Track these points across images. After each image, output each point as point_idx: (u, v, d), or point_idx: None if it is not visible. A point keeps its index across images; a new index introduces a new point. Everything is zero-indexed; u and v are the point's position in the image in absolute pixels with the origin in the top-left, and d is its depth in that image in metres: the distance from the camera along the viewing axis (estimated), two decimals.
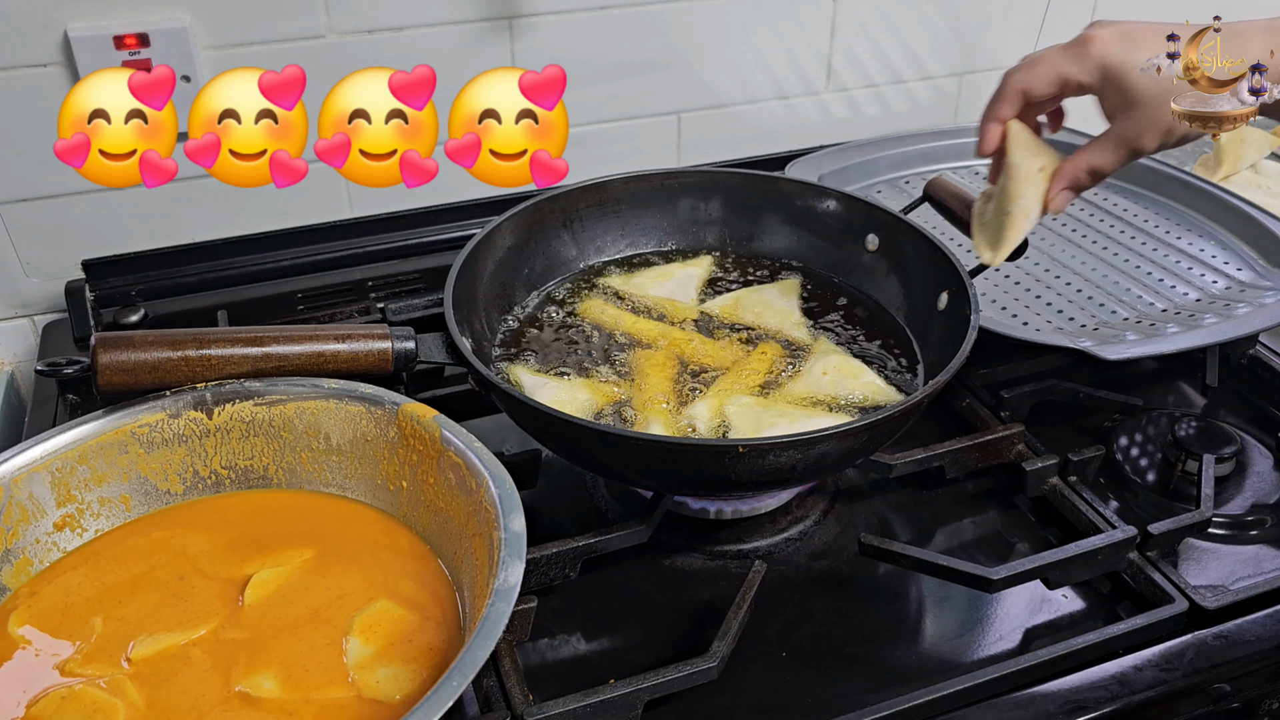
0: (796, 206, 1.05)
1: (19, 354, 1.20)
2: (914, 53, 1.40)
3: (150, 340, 0.78)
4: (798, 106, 1.38)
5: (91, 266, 1.15)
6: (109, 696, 0.65)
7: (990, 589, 0.80)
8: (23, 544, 0.74)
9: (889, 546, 0.82)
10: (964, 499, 0.94)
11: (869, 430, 0.77)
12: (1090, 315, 1.09)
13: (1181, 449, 0.93)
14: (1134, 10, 1.48)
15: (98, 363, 0.76)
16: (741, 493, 0.87)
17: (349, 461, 0.80)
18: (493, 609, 0.62)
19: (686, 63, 1.29)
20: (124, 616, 0.71)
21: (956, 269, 0.90)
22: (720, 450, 0.75)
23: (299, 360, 0.81)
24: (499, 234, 0.98)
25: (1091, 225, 1.27)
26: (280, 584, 0.73)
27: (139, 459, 0.79)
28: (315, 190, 1.21)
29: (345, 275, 1.21)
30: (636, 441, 0.77)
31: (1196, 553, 0.88)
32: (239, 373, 0.80)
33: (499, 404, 0.84)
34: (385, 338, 0.83)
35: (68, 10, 1.04)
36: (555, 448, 0.86)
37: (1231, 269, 1.15)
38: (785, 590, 0.84)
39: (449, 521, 0.74)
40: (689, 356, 0.94)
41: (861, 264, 1.02)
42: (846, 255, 1.04)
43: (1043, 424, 0.97)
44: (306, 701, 0.65)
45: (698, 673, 0.73)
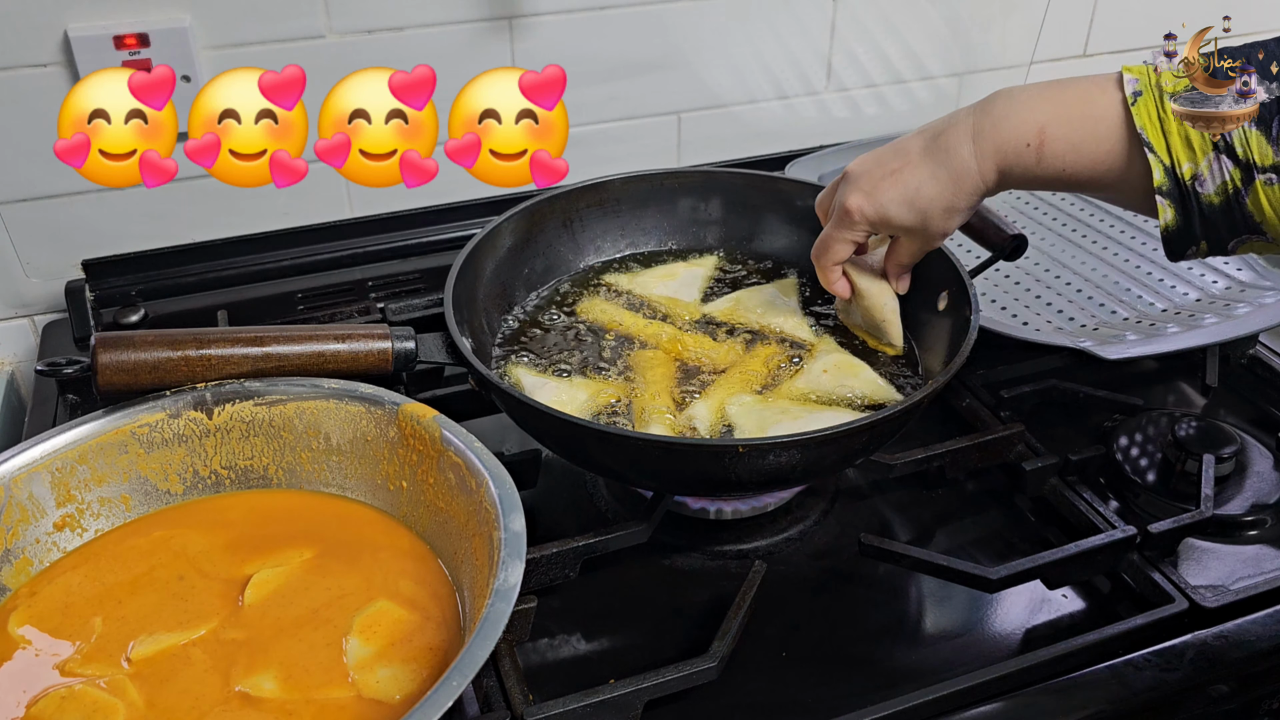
0: (796, 206, 1.05)
1: (19, 354, 1.20)
2: (914, 53, 1.40)
3: (150, 340, 0.78)
4: (798, 106, 1.38)
5: (91, 266, 1.15)
6: (109, 696, 0.65)
7: (990, 589, 0.81)
8: (23, 544, 0.74)
9: (889, 546, 0.82)
10: (964, 499, 0.94)
11: (870, 430, 0.77)
12: (1090, 315, 1.09)
13: (1181, 449, 0.93)
14: (1134, 10, 1.49)
15: (98, 363, 0.76)
16: (741, 492, 0.87)
17: (349, 461, 0.80)
18: (493, 609, 0.62)
19: (686, 63, 1.29)
20: (124, 616, 0.71)
21: (956, 269, 0.90)
22: (720, 450, 0.75)
23: (299, 360, 0.81)
24: (499, 234, 0.98)
25: (1091, 225, 1.27)
26: (280, 584, 0.73)
27: (139, 459, 0.79)
28: (315, 190, 1.21)
29: (345, 275, 1.21)
30: (636, 441, 0.77)
31: (1196, 553, 0.88)
32: (239, 373, 0.80)
33: (499, 404, 0.84)
34: (385, 338, 0.83)
35: (68, 10, 1.04)
36: (555, 448, 0.86)
37: (1231, 269, 1.15)
38: (785, 590, 0.84)
39: (449, 521, 0.74)
40: (689, 356, 0.94)
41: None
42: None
43: (1043, 424, 0.97)
44: (306, 701, 0.65)
45: (698, 673, 0.73)
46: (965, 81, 1.44)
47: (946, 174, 0.80)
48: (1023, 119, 0.77)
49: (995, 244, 0.94)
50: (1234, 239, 0.73)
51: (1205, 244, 0.74)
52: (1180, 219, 0.73)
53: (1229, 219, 0.72)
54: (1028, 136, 0.76)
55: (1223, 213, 0.72)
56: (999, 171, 0.79)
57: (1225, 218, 0.72)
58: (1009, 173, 0.78)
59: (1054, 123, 0.75)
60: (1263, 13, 1.49)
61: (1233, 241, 0.73)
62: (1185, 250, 0.75)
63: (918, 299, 0.96)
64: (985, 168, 0.79)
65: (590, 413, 0.87)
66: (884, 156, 0.84)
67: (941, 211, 0.82)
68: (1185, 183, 0.71)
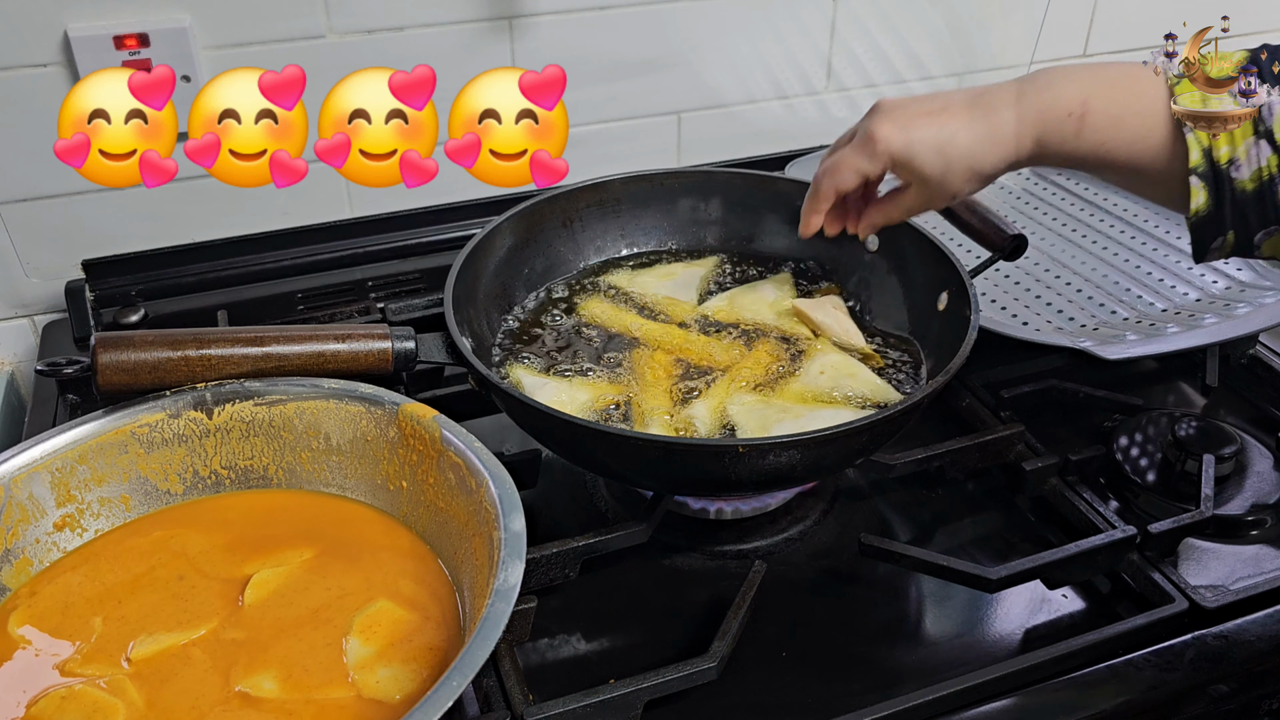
0: (797, 207, 1.05)
1: (19, 354, 1.20)
2: (914, 53, 1.40)
3: (150, 340, 0.78)
4: (798, 106, 1.38)
5: (91, 266, 1.15)
6: (109, 696, 0.65)
7: (990, 589, 0.81)
8: (23, 544, 0.74)
9: (889, 546, 0.82)
10: (964, 499, 0.94)
11: (869, 430, 0.77)
12: (1090, 315, 1.09)
13: (1181, 449, 0.93)
14: (1134, 10, 1.49)
15: (98, 362, 0.76)
16: (742, 492, 0.87)
17: (349, 461, 0.80)
18: (493, 609, 0.62)
19: (686, 63, 1.29)
20: (124, 616, 0.71)
21: (956, 269, 0.90)
22: (720, 450, 0.75)
23: (299, 360, 0.81)
24: (499, 234, 0.98)
25: (1091, 225, 1.27)
26: (280, 584, 0.73)
27: (139, 459, 0.79)
28: (315, 190, 1.21)
29: (345, 275, 1.21)
30: (636, 441, 0.77)
31: (1196, 553, 0.88)
32: (239, 372, 0.80)
33: (499, 404, 0.84)
34: (385, 338, 0.83)
35: (68, 10, 1.04)
36: (556, 448, 0.86)
37: (1231, 269, 1.15)
38: (785, 590, 0.84)
39: (449, 521, 0.74)
40: (689, 356, 0.94)
41: (861, 264, 1.02)
42: (846, 255, 1.03)
43: (1043, 424, 0.96)
44: (306, 701, 0.65)
45: (698, 673, 0.73)
46: (965, 81, 1.44)
47: (985, 129, 0.78)
48: (1068, 89, 0.77)
49: (995, 244, 0.94)
50: (1262, 230, 0.73)
51: (1232, 235, 0.74)
52: (1212, 203, 0.73)
53: (1260, 207, 0.72)
54: (1071, 105, 0.76)
55: (1255, 199, 0.72)
56: (1036, 141, 0.78)
57: (1256, 205, 0.72)
58: (1046, 144, 0.78)
59: (1098, 95, 0.75)
60: (1263, 13, 1.49)
61: (1260, 234, 0.73)
62: (1211, 242, 0.75)
63: (918, 299, 0.96)
64: (1023, 133, 0.78)
65: (590, 413, 0.87)
66: (921, 98, 0.82)
67: (965, 169, 0.80)
68: (1221, 166, 0.72)
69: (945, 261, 0.92)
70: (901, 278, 0.99)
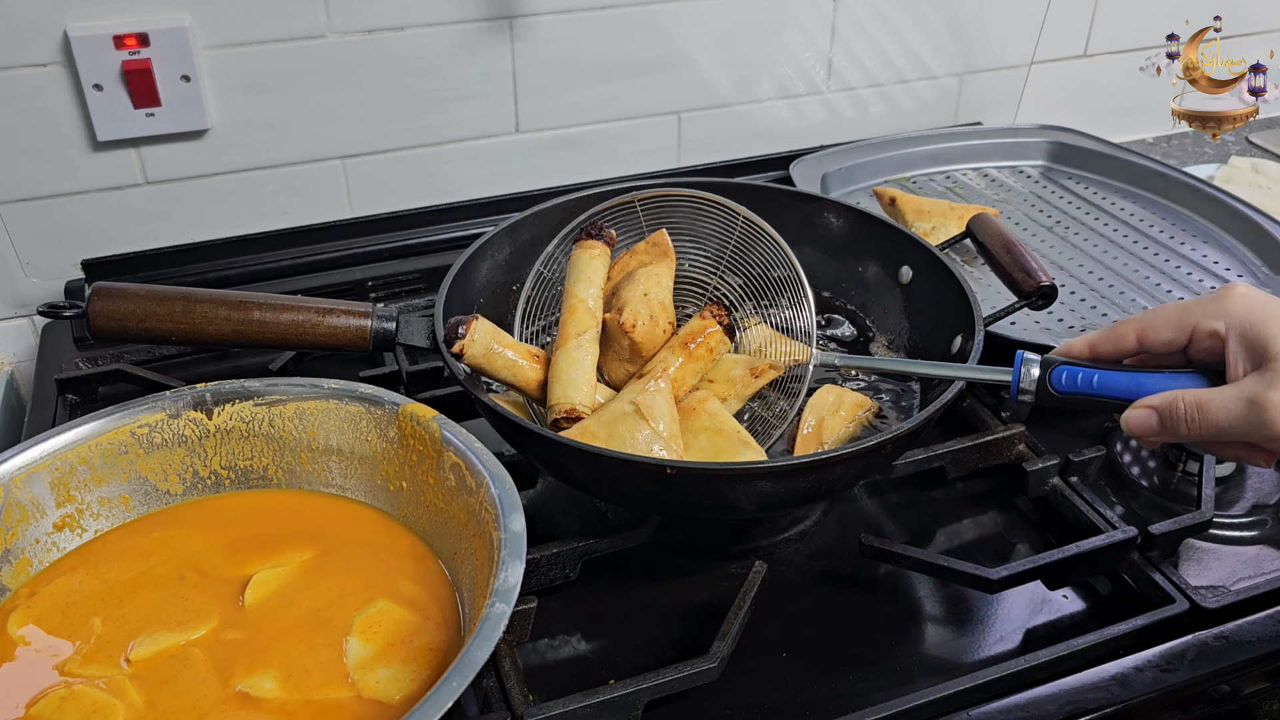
0: (796, 209, 1.05)
1: (19, 354, 1.20)
2: (914, 53, 1.40)
3: (141, 294, 0.81)
4: (799, 106, 1.38)
5: (91, 266, 1.15)
6: (109, 697, 0.65)
7: (990, 589, 0.81)
8: (23, 544, 0.74)
9: (889, 546, 0.82)
10: (964, 499, 0.94)
11: (874, 452, 0.77)
12: (1080, 318, 1.10)
13: (1182, 449, 0.93)
14: (1134, 10, 1.49)
15: (90, 309, 0.80)
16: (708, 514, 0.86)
17: (349, 461, 0.80)
18: (493, 609, 0.62)
19: (686, 62, 1.29)
20: (124, 616, 0.71)
21: (973, 318, 0.88)
22: (653, 467, 0.74)
23: (280, 328, 0.82)
24: (494, 244, 0.97)
25: (1094, 229, 1.27)
26: (280, 584, 0.73)
27: (139, 459, 0.79)
28: (315, 190, 1.21)
29: (345, 275, 1.21)
30: (584, 453, 0.76)
31: (1197, 553, 0.88)
32: (220, 334, 0.82)
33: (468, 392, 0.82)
34: (366, 315, 0.84)
35: (68, 10, 1.04)
36: (523, 451, 0.84)
37: (1232, 275, 1.16)
38: (785, 590, 0.84)
39: (449, 521, 0.74)
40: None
41: (874, 288, 1.02)
42: (847, 271, 1.03)
43: (1043, 425, 0.96)
44: (306, 702, 0.65)
45: (698, 673, 0.73)
46: (966, 81, 1.44)
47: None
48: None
49: (1021, 289, 0.91)
50: None
51: None
52: None
53: None
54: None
55: None
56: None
57: None
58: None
59: None
60: (1263, 13, 1.49)
61: None
62: None
63: (932, 340, 0.95)
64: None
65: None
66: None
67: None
68: None
69: (965, 307, 0.89)
70: (914, 312, 0.99)
